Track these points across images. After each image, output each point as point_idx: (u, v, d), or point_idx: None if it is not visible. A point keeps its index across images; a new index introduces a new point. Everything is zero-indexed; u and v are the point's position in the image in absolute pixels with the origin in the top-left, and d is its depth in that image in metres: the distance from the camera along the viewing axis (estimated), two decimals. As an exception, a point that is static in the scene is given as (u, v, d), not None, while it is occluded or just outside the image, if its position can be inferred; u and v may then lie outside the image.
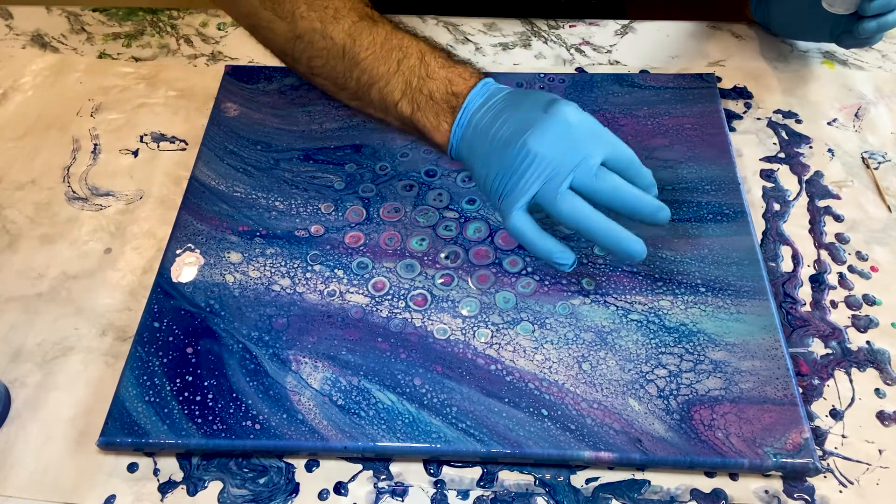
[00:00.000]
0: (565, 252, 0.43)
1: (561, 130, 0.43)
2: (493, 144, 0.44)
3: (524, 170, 0.43)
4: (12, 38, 0.68)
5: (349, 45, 0.49)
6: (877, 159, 0.56)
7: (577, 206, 0.42)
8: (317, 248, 0.50)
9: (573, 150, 0.42)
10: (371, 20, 0.50)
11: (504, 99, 0.46)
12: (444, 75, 0.47)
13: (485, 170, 0.45)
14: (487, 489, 0.41)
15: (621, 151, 0.43)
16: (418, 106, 0.48)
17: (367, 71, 0.49)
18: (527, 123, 0.43)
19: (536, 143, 0.42)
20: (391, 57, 0.49)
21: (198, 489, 0.41)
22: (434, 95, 0.47)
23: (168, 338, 0.46)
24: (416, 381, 0.43)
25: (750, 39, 0.66)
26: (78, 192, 0.55)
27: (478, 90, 0.46)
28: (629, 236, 0.42)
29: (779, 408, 0.42)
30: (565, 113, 0.43)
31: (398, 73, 0.48)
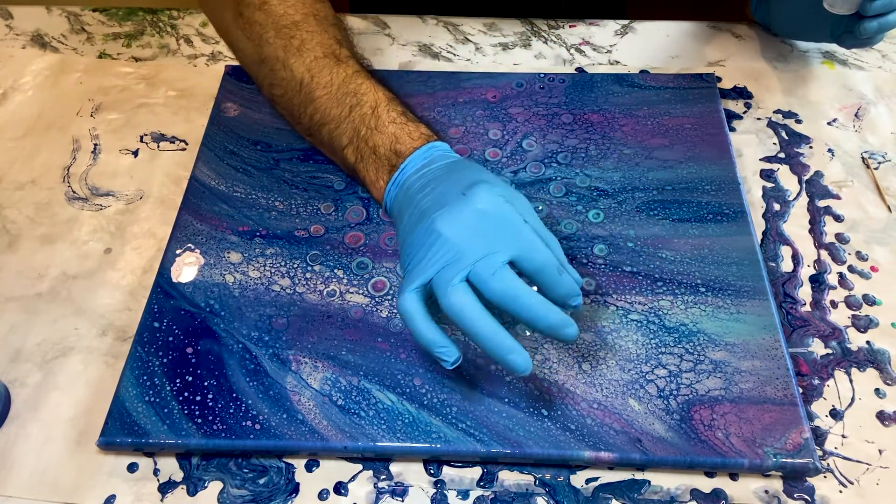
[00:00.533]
0: (449, 348, 0.39)
1: (472, 218, 0.40)
2: (413, 214, 0.43)
3: (426, 250, 0.40)
4: (12, 38, 0.68)
5: (307, 81, 0.49)
6: (877, 159, 0.56)
7: (462, 303, 0.38)
8: (317, 248, 0.50)
9: (477, 241, 0.39)
10: (335, 59, 0.49)
11: (441, 168, 0.44)
12: (391, 131, 0.47)
13: (402, 237, 0.43)
14: (487, 489, 0.41)
15: (534, 254, 0.39)
16: (362, 156, 0.47)
17: (320, 110, 0.49)
18: (443, 201, 0.41)
19: (443, 225, 0.40)
20: (345, 101, 0.48)
21: (198, 489, 0.41)
22: (378, 150, 0.47)
23: (168, 338, 0.46)
24: (416, 382, 0.43)
25: (750, 39, 0.66)
26: (78, 192, 0.55)
27: (420, 153, 0.45)
28: (514, 349, 0.38)
29: (779, 408, 0.42)
30: (482, 200, 0.40)
31: (349, 119, 0.48)
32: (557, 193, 0.52)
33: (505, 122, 0.57)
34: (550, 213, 0.51)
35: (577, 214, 0.51)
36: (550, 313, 0.39)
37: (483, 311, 0.38)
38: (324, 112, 0.49)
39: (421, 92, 0.60)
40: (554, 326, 0.39)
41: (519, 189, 0.53)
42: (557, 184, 0.53)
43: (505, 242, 0.39)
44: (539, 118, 0.58)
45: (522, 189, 0.53)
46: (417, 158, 0.45)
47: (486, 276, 0.38)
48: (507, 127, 0.57)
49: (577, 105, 0.58)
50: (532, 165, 0.54)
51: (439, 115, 0.58)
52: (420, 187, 0.43)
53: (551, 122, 0.57)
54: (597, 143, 0.56)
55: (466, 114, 0.58)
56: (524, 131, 0.57)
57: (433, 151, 0.46)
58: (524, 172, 0.54)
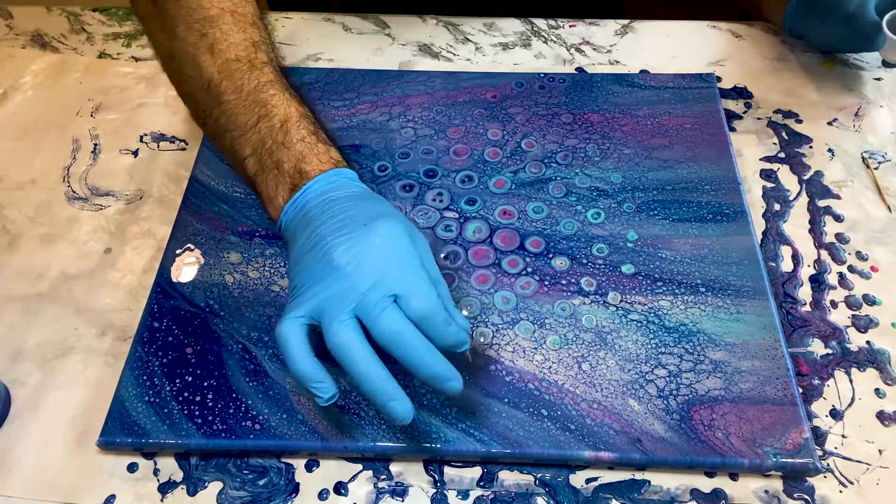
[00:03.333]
0: (326, 384, 0.37)
1: (369, 250, 0.38)
2: (309, 238, 0.41)
3: (318, 277, 0.39)
4: (12, 38, 0.68)
5: (215, 83, 0.46)
6: (877, 159, 0.56)
7: (349, 343, 0.37)
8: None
9: (371, 276, 0.38)
10: (249, 64, 0.47)
11: (345, 196, 0.42)
12: (299, 149, 0.44)
13: (294, 260, 0.41)
14: (487, 489, 0.41)
15: (423, 299, 0.37)
16: (263, 169, 0.45)
17: (226, 115, 0.46)
18: (341, 231, 0.40)
19: (339, 254, 0.38)
20: (253, 110, 0.45)
21: (198, 489, 0.41)
22: (282, 165, 0.44)
23: (168, 338, 0.46)
24: (416, 382, 0.43)
25: (750, 39, 0.66)
26: (78, 192, 0.55)
27: (326, 177, 0.43)
28: (395, 396, 0.36)
29: (779, 408, 0.42)
30: (383, 234, 0.39)
31: (255, 129, 0.45)
32: (557, 193, 0.52)
33: (505, 122, 0.57)
34: (550, 213, 0.51)
35: (577, 214, 0.51)
36: (436, 363, 0.37)
37: (368, 353, 0.37)
38: (229, 117, 0.46)
39: (421, 92, 0.60)
40: (436, 377, 0.37)
41: (519, 189, 0.53)
42: (557, 184, 0.53)
43: (398, 280, 0.38)
44: (539, 118, 0.58)
45: (522, 189, 0.53)
46: (322, 182, 0.43)
47: (374, 313, 0.37)
48: (506, 127, 0.57)
49: (577, 105, 0.58)
50: (532, 165, 0.54)
51: (439, 115, 0.58)
52: (320, 212, 0.41)
53: (551, 122, 0.57)
54: (597, 143, 0.56)
55: (466, 114, 0.58)
56: (524, 131, 0.57)
57: (339, 178, 0.44)
58: (524, 172, 0.54)
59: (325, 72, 0.62)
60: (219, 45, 0.47)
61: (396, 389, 0.37)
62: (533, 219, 0.51)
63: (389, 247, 0.39)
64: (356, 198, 0.42)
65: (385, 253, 0.39)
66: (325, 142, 0.45)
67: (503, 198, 0.52)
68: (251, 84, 0.46)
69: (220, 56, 0.46)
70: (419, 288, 0.38)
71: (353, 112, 0.59)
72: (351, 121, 0.58)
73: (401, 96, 0.60)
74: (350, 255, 0.38)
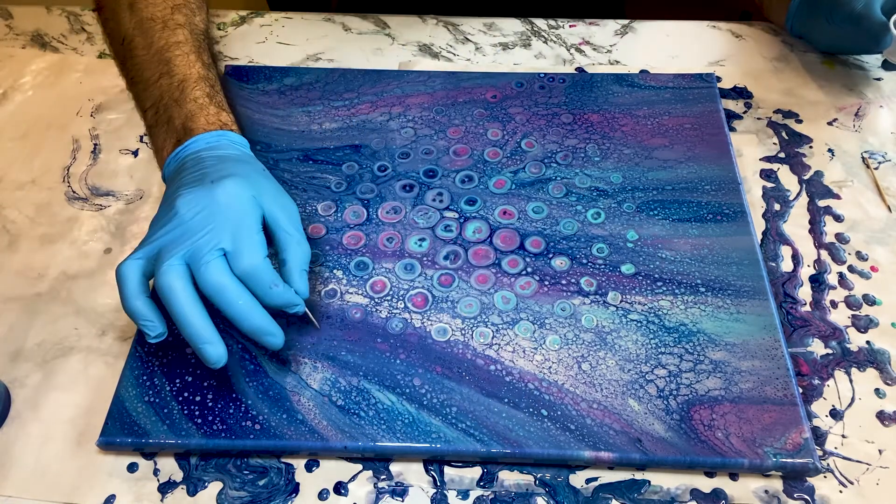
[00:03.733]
0: (154, 322, 0.40)
1: (209, 204, 0.41)
2: (169, 189, 0.44)
3: (161, 224, 0.42)
4: (12, 38, 0.68)
5: (129, 38, 0.51)
6: (877, 159, 0.56)
7: (172, 285, 0.39)
8: (316, 248, 0.50)
9: (204, 228, 0.40)
10: (163, 24, 0.51)
11: (217, 156, 0.45)
12: (190, 108, 0.48)
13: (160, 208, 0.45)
14: (487, 489, 0.41)
15: (247, 258, 0.40)
16: (158, 122, 0.49)
17: (135, 68, 0.51)
18: (192, 184, 0.43)
19: (180, 204, 0.41)
20: (157, 68, 0.50)
21: (198, 489, 0.41)
22: (172, 121, 0.47)
23: (168, 338, 0.45)
24: (416, 382, 0.43)
25: (750, 39, 0.66)
26: (78, 192, 0.55)
27: (208, 136, 0.46)
28: (209, 340, 0.39)
29: (779, 408, 0.42)
30: (225, 192, 0.42)
31: (156, 84, 0.49)
32: (557, 193, 0.52)
33: (505, 122, 0.57)
34: (550, 213, 0.51)
35: (577, 214, 0.51)
36: (255, 317, 0.40)
37: (190, 296, 0.39)
38: (137, 71, 0.51)
39: (421, 92, 0.60)
40: (255, 331, 0.40)
41: (519, 189, 0.53)
42: (557, 184, 0.53)
43: (229, 234, 0.41)
44: (539, 118, 0.58)
45: (522, 189, 0.53)
46: (203, 140, 0.46)
47: (201, 263, 0.39)
48: (506, 127, 0.57)
49: (577, 105, 0.58)
50: (532, 165, 0.54)
51: (439, 115, 0.58)
52: (190, 166, 0.44)
53: (551, 122, 0.57)
54: (597, 143, 0.56)
55: (466, 114, 0.58)
56: (524, 131, 0.57)
57: (221, 139, 0.47)
58: (524, 172, 0.54)
59: (325, 72, 0.62)
60: (139, 3, 0.52)
61: (211, 334, 0.39)
62: (533, 219, 0.51)
63: (229, 204, 0.41)
64: (225, 159, 0.45)
65: (224, 210, 0.41)
66: (218, 105, 0.49)
67: (503, 198, 0.52)
68: (160, 43, 0.50)
69: (137, 14, 0.52)
70: (247, 247, 0.41)
71: (353, 112, 0.59)
72: (351, 121, 0.58)
73: (401, 96, 0.60)
74: (191, 206, 0.41)
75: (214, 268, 0.40)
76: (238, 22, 0.69)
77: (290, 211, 0.45)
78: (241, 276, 0.40)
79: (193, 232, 0.41)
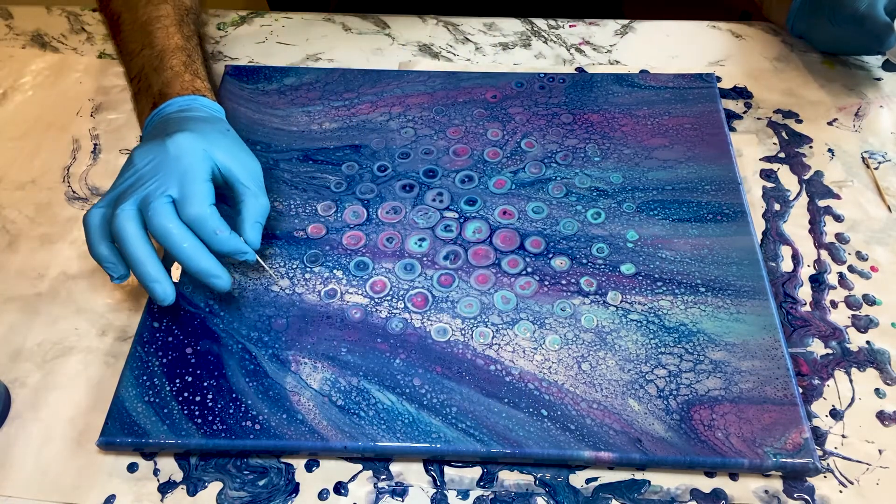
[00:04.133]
0: (116, 264, 0.44)
1: (160, 155, 0.44)
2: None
3: (120, 175, 0.45)
4: (12, 38, 0.68)
5: (117, 14, 0.56)
6: (877, 159, 0.56)
7: (122, 227, 0.42)
8: (316, 248, 0.50)
9: (152, 176, 0.44)
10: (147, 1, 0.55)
11: (185, 116, 0.48)
12: (167, 76, 0.51)
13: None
14: (487, 489, 0.41)
15: (192, 206, 0.43)
16: (140, 90, 0.53)
17: (122, 42, 0.56)
18: (151, 138, 0.47)
19: (136, 154, 0.45)
20: (139, 40, 0.54)
21: (198, 489, 0.41)
22: (151, 88, 0.52)
23: (168, 338, 0.46)
24: (416, 382, 0.43)
25: (750, 39, 0.66)
26: (78, 192, 0.55)
27: (180, 100, 0.50)
28: (158, 279, 0.42)
29: (779, 408, 0.42)
30: (175, 144, 0.44)
31: (139, 56, 0.54)
32: (557, 193, 0.52)
33: (505, 122, 0.57)
34: (550, 213, 0.51)
35: (577, 214, 0.51)
36: (196, 261, 0.43)
37: (141, 238, 0.43)
38: (123, 44, 0.56)
39: (421, 92, 0.60)
40: (201, 273, 0.43)
41: (519, 189, 0.53)
42: (557, 184, 0.53)
43: (177, 183, 0.44)
44: (539, 118, 0.58)
45: (522, 189, 0.53)
46: (175, 104, 0.50)
47: (149, 209, 0.42)
48: (506, 127, 0.57)
49: (577, 105, 0.58)
50: (532, 165, 0.54)
51: (439, 115, 0.58)
52: (158, 124, 0.48)
53: (551, 122, 0.57)
54: (597, 143, 0.56)
55: (466, 114, 0.58)
56: (524, 131, 0.57)
57: (193, 103, 0.50)
58: (524, 172, 0.54)
59: (325, 72, 0.62)
60: None
61: (158, 273, 0.43)
62: (533, 219, 0.51)
63: (179, 156, 0.44)
64: (190, 119, 0.48)
65: (173, 160, 0.44)
66: (193, 73, 0.53)
67: (503, 198, 0.52)
68: (144, 17, 0.55)
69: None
70: (193, 195, 0.43)
71: (353, 112, 0.59)
72: (351, 121, 0.58)
73: (401, 96, 0.60)
74: (144, 157, 0.45)
75: (161, 212, 0.42)
76: (238, 22, 0.69)
77: (250, 167, 0.47)
78: (188, 222, 0.43)
79: (144, 180, 0.44)
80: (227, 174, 0.46)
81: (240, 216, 0.45)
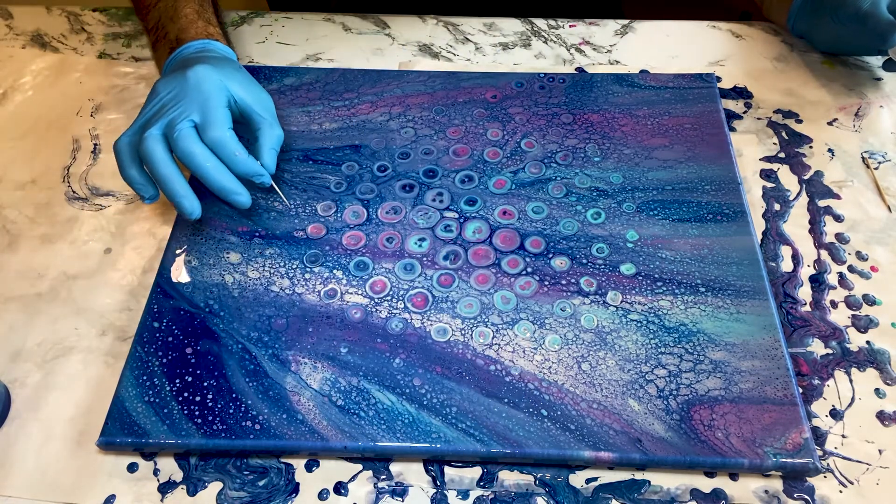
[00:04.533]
0: (146, 186, 0.49)
1: (180, 84, 0.49)
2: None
3: (145, 104, 0.50)
4: (12, 38, 0.68)
5: None
6: (877, 159, 0.56)
7: (150, 150, 0.47)
8: (316, 248, 0.50)
9: (175, 103, 0.48)
10: None
11: (201, 55, 0.52)
12: (181, 23, 0.56)
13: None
14: (487, 489, 0.41)
15: (214, 128, 0.47)
16: (158, 39, 0.57)
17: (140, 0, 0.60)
18: (171, 72, 0.51)
19: (159, 85, 0.50)
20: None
21: (198, 489, 0.41)
22: (168, 35, 0.56)
23: (168, 338, 0.46)
24: (416, 382, 0.43)
25: (750, 39, 0.66)
26: (78, 192, 0.55)
27: (197, 44, 0.54)
28: (185, 195, 0.47)
29: (779, 408, 0.42)
30: (195, 74, 0.49)
31: (155, 8, 0.58)
32: (557, 194, 0.52)
33: (505, 122, 0.57)
34: (550, 214, 0.51)
35: (577, 214, 0.51)
36: (219, 179, 0.47)
37: (167, 159, 0.47)
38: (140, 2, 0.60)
39: (421, 92, 0.60)
40: (223, 191, 0.47)
41: (519, 189, 0.53)
42: (557, 184, 0.53)
43: (198, 109, 0.48)
44: (539, 118, 0.58)
45: (522, 189, 0.53)
46: (191, 47, 0.54)
47: (174, 133, 0.46)
48: (506, 127, 0.57)
49: (577, 105, 0.58)
50: (532, 165, 0.54)
51: (439, 115, 0.58)
52: (178, 64, 0.52)
53: (551, 122, 0.57)
54: (597, 143, 0.56)
55: (466, 114, 0.58)
56: (524, 131, 0.57)
57: (207, 45, 0.55)
58: (524, 172, 0.54)
59: (325, 72, 0.62)
60: None
61: (186, 190, 0.47)
62: (533, 219, 0.51)
63: (198, 85, 0.48)
64: (206, 58, 0.52)
65: (193, 88, 0.48)
66: (206, 20, 0.57)
67: (503, 198, 0.52)
68: None
69: None
70: (213, 119, 0.47)
71: (353, 112, 0.59)
72: (351, 121, 0.58)
73: (401, 96, 0.60)
74: (167, 87, 0.49)
75: (185, 136, 0.46)
76: (238, 22, 0.69)
77: (263, 100, 0.52)
78: (209, 145, 0.47)
79: (168, 107, 0.48)
80: (242, 105, 0.50)
81: (257, 143, 0.50)
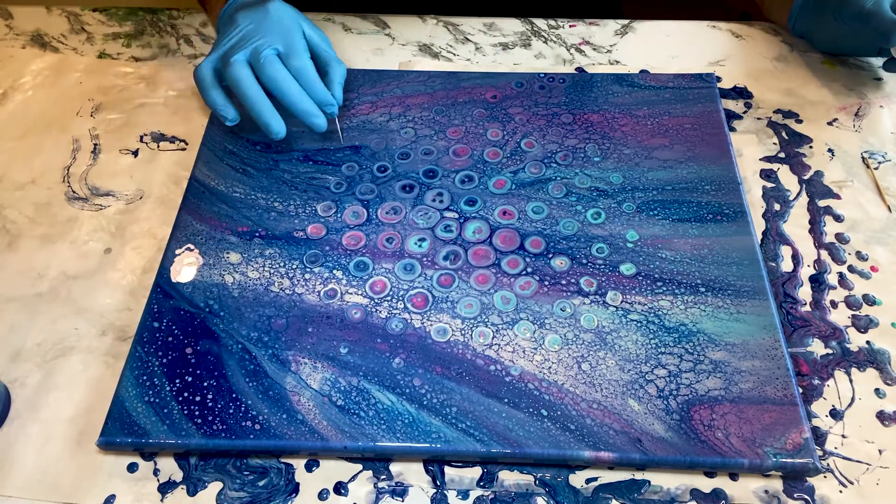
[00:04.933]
0: (228, 108, 0.53)
1: (261, 16, 0.53)
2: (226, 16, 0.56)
3: (226, 34, 0.54)
4: (12, 38, 0.68)
5: None
6: (877, 159, 0.56)
7: (238, 74, 0.51)
8: (316, 248, 0.50)
9: (258, 33, 0.52)
10: None
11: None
12: None
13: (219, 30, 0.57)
14: (487, 489, 0.41)
15: (295, 59, 0.52)
16: None
17: None
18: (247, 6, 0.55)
19: (240, 17, 0.54)
20: None
21: (198, 489, 0.41)
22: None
23: (168, 338, 0.46)
24: (416, 382, 0.43)
25: (750, 39, 0.66)
26: (78, 192, 0.55)
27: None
28: (273, 115, 0.51)
29: (779, 408, 0.42)
30: (275, 8, 0.54)
31: None
32: (557, 194, 0.52)
33: (505, 122, 0.57)
34: (550, 214, 0.51)
35: (577, 214, 0.51)
36: (303, 102, 0.51)
37: (254, 83, 0.51)
38: None
39: (421, 92, 0.60)
40: (302, 113, 0.52)
41: (519, 189, 0.53)
42: (557, 184, 0.53)
43: (277, 37, 0.52)
44: (539, 118, 0.58)
45: (522, 189, 0.53)
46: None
47: (260, 60, 0.51)
48: (506, 127, 0.57)
49: (577, 105, 0.58)
50: (532, 165, 0.54)
51: (439, 115, 0.58)
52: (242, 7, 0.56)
53: (551, 122, 0.57)
54: (597, 143, 0.56)
55: (466, 114, 0.58)
56: (524, 131, 0.57)
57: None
58: (524, 172, 0.54)
59: (325, 72, 0.62)
60: None
61: (272, 111, 0.52)
62: (533, 219, 0.51)
63: (280, 18, 0.53)
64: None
65: (275, 21, 0.53)
66: None
67: (503, 198, 0.52)
68: None
69: None
70: (296, 49, 0.52)
71: (353, 112, 0.59)
72: (351, 121, 0.58)
73: (401, 96, 0.60)
74: (248, 19, 0.54)
75: (272, 62, 0.51)
76: (238, 22, 0.69)
77: (327, 39, 0.57)
78: (292, 72, 0.52)
79: (251, 36, 0.52)
80: (313, 42, 0.55)
81: (327, 77, 0.55)
